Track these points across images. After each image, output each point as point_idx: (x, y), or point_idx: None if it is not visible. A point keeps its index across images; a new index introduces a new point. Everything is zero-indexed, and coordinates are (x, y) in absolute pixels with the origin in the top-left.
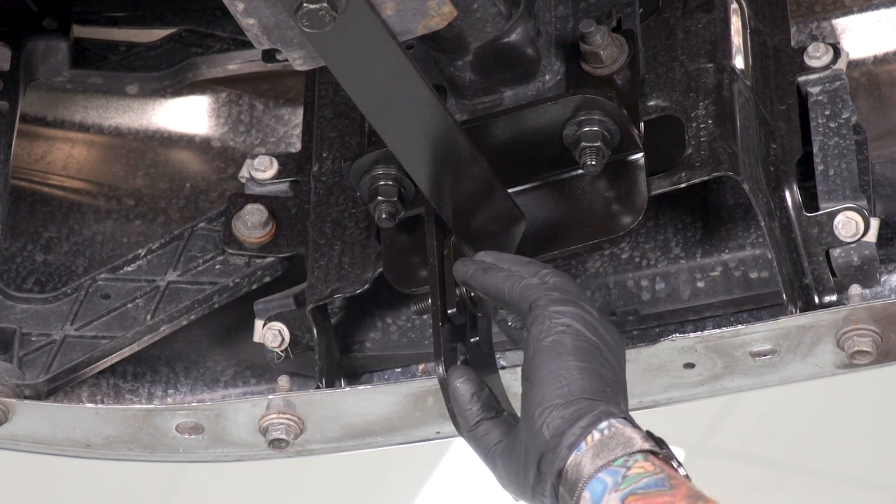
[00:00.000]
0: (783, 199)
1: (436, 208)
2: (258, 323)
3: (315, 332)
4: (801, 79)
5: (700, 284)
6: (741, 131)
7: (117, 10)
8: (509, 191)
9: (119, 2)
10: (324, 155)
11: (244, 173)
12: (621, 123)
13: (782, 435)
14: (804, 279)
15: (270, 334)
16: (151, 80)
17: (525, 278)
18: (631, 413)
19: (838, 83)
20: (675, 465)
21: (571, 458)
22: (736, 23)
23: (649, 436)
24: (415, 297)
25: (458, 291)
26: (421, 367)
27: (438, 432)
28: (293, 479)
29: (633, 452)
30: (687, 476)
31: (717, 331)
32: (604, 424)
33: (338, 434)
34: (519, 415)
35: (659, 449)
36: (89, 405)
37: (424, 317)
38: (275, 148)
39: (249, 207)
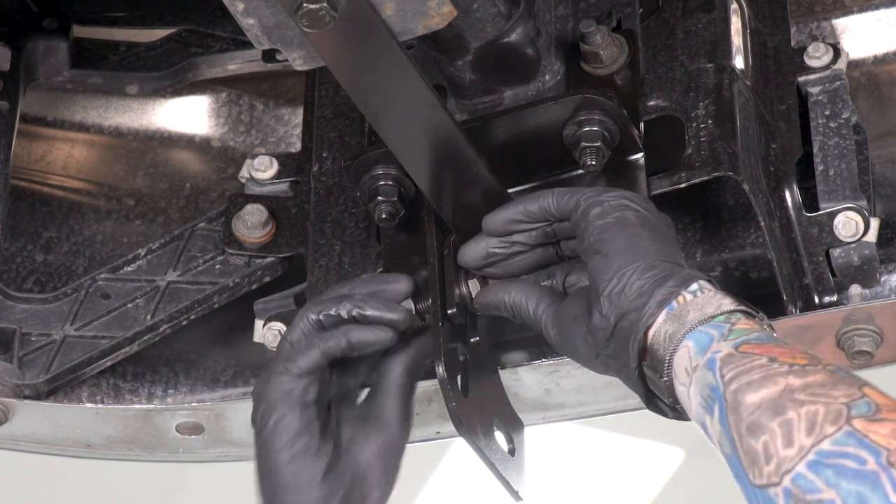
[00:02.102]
0: (783, 199)
1: (436, 208)
2: (258, 323)
3: None
4: (801, 79)
5: None
6: (741, 131)
7: (117, 10)
8: (509, 191)
9: (119, 2)
10: (324, 155)
11: (244, 173)
12: (621, 123)
13: None
14: (804, 279)
15: (270, 334)
16: (151, 80)
17: (552, 192)
18: (629, 413)
19: (838, 83)
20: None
21: (662, 315)
22: (736, 23)
23: (740, 300)
24: (415, 297)
25: (457, 291)
26: None
27: (438, 432)
28: None
29: (733, 311)
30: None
31: None
32: (694, 286)
33: None
34: (520, 416)
35: (755, 312)
36: (89, 405)
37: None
38: (275, 148)
39: (249, 207)
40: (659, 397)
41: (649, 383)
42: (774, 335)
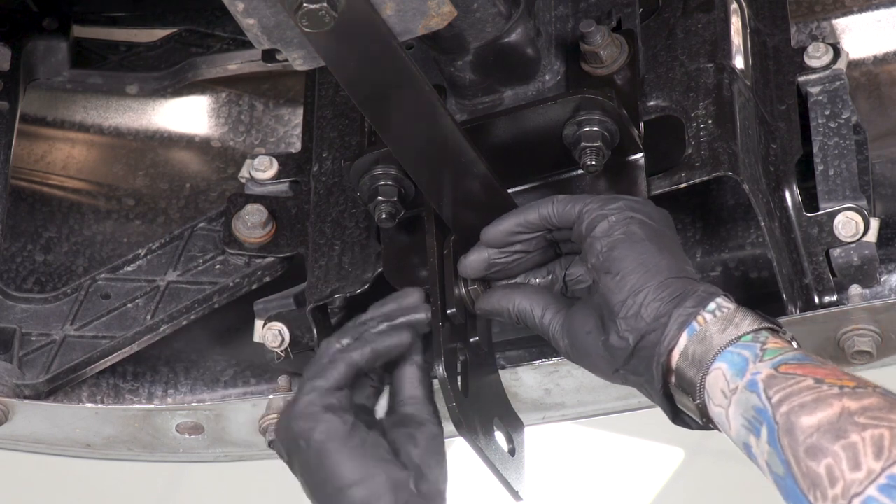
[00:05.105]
0: (783, 199)
1: (436, 208)
2: (258, 323)
3: (315, 332)
4: (801, 79)
5: None
6: (741, 131)
7: (117, 10)
8: (509, 191)
9: (119, 2)
10: (324, 155)
11: (244, 173)
12: (621, 123)
13: None
14: (804, 279)
15: (270, 334)
16: (151, 80)
17: (553, 201)
18: (629, 413)
19: (838, 83)
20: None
21: (684, 337)
22: (736, 23)
23: (760, 315)
24: None
25: (457, 291)
26: None
27: None
28: (293, 479)
29: (759, 329)
30: None
31: None
32: (712, 305)
33: None
34: (520, 416)
35: (778, 327)
36: (89, 405)
37: None
38: (275, 148)
39: (249, 207)
40: (687, 414)
41: (677, 402)
42: (808, 354)
